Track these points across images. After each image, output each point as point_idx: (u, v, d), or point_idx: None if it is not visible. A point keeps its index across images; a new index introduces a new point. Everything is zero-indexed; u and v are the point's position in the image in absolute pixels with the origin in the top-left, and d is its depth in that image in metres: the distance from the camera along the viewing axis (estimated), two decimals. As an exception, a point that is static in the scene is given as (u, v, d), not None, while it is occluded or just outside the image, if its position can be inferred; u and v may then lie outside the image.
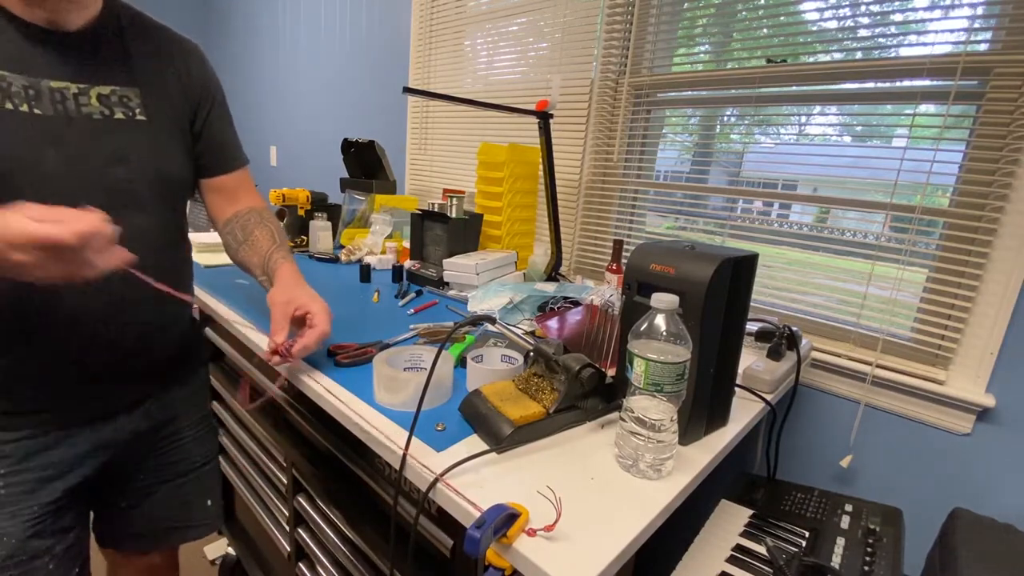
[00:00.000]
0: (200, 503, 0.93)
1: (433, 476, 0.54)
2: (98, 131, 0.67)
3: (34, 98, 0.62)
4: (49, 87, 0.64)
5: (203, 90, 0.82)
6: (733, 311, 0.65)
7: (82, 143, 0.66)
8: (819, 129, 1.23)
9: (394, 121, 2.26)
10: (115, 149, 0.68)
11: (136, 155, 0.70)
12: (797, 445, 1.22)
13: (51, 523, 0.71)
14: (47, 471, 0.70)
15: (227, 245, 0.89)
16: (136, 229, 0.70)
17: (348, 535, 0.80)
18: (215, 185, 0.87)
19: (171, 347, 0.82)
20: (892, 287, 1.08)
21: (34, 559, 0.69)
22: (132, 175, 0.70)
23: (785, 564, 0.68)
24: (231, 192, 0.89)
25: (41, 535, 0.70)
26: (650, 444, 0.57)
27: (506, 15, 1.77)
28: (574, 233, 1.63)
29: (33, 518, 0.69)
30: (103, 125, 0.68)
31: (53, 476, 0.71)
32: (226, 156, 0.87)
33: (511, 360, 0.78)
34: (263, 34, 3.08)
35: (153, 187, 0.73)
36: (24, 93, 0.62)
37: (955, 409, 1.01)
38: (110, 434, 0.76)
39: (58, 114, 0.64)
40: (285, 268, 0.81)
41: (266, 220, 0.89)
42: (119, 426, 0.77)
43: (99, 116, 0.67)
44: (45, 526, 0.70)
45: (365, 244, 1.59)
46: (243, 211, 0.89)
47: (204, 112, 0.82)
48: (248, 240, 0.86)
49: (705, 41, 1.44)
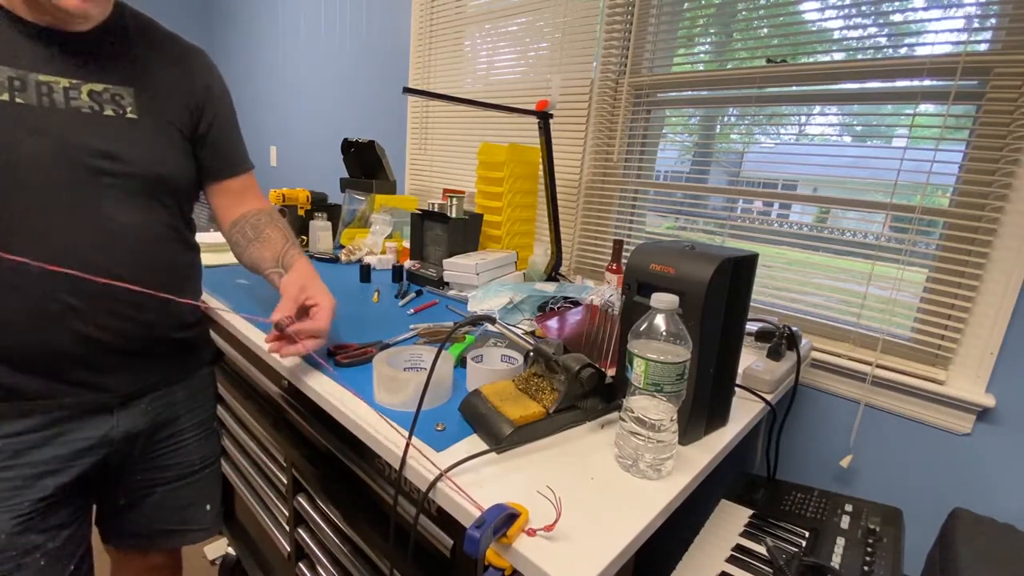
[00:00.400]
0: (199, 507, 0.93)
1: (433, 476, 0.54)
2: (84, 124, 0.68)
3: (19, 88, 0.63)
4: (37, 80, 0.65)
5: (207, 94, 0.82)
6: (733, 311, 0.65)
7: (65, 133, 0.66)
8: (819, 129, 1.23)
9: (394, 121, 2.26)
10: (100, 142, 0.69)
11: (122, 151, 0.70)
12: (797, 445, 1.22)
13: (42, 520, 0.71)
14: (38, 468, 0.70)
15: (235, 243, 0.89)
16: (117, 223, 0.70)
17: (348, 535, 0.80)
18: (221, 189, 0.88)
19: (165, 344, 0.81)
20: (892, 287, 1.08)
21: (25, 555, 0.69)
22: (116, 169, 0.70)
23: (785, 564, 0.68)
24: (237, 195, 0.90)
25: (32, 531, 0.70)
26: (650, 444, 0.57)
27: (506, 15, 1.77)
28: (574, 233, 1.63)
29: (23, 514, 0.69)
30: (90, 119, 0.68)
31: (45, 473, 0.71)
32: (230, 160, 0.88)
33: (511, 360, 0.78)
34: (263, 34, 3.08)
35: (141, 184, 0.73)
36: (8, 83, 0.63)
37: (955, 409, 1.01)
38: (105, 431, 0.76)
39: (42, 105, 0.65)
40: (303, 261, 0.83)
41: (276, 220, 0.90)
42: (115, 423, 0.77)
43: (87, 110, 0.68)
44: (36, 522, 0.70)
45: (365, 244, 1.59)
46: (252, 212, 0.89)
47: (209, 116, 0.82)
48: (260, 238, 0.86)
49: (705, 41, 1.44)
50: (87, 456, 0.75)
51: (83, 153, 0.67)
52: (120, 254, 0.71)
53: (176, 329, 0.83)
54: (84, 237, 0.68)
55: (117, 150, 0.70)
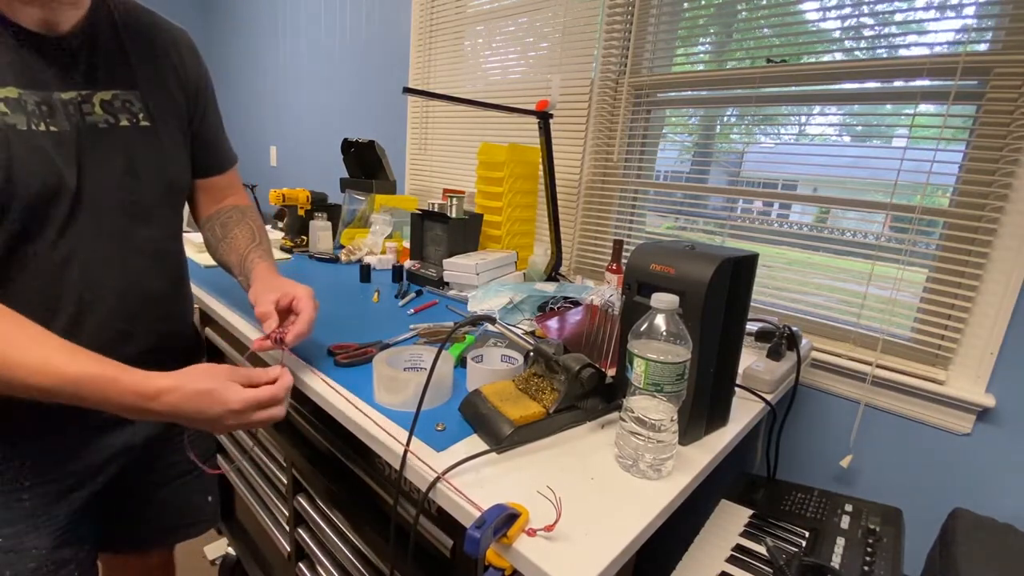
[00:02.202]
0: (201, 500, 0.93)
1: (433, 476, 0.54)
2: (107, 143, 0.65)
3: (48, 115, 0.60)
4: (61, 100, 0.61)
5: (197, 84, 0.79)
6: (733, 311, 0.65)
7: (96, 157, 0.64)
8: (819, 129, 1.24)
9: (394, 121, 2.26)
10: (125, 161, 0.66)
11: (144, 166, 0.68)
12: (797, 445, 1.22)
13: (74, 532, 0.70)
14: (71, 480, 0.70)
15: (207, 242, 0.86)
16: (145, 240, 0.69)
17: (348, 535, 0.80)
18: (207, 184, 0.85)
19: (179, 346, 0.81)
20: (892, 287, 1.08)
21: (59, 569, 0.68)
22: (142, 187, 0.68)
23: (785, 564, 0.68)
24: (220, 191, 0.87)
25: (66, 545, 0.69)
26: (650, 444, 0.57)
27: (506, 15, 1.77)
28: (574, 233, 1.63)
29: (60, 527, 0.68)
30: (111, 136, 0.65)
31: (74, 486, 0.70)
32: (219, 155, 0.85)
33: (511, 360, 0.78)
34: (263, 34, 3.08)
35: (161, 197, 0.72)
36: (39, 111, 0.59)
37: (955, 409, 1.01)
38: (126, 438, 0.76)
39: (73, 128, 0.62)
40: (261, 267, 0.78)
41: (247, 217, 0.86)
42: (136, 430, 0.77)
43: (104, 125, 0.65)
44: (69, 536, 0.70)
45: (365, 244, 1.59)
46: (225, 208, 0.86)
47: (200, 109, 0.80)
48: (227, 238, 0.83)
49: (705, 41, 1.44)
50: (112, 464, 0.75)
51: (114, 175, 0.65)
52: (149, 271, 0.71)
53: (191, 335, 0.84)
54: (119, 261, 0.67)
55: (139, 166, 0.68)
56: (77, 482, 0.71)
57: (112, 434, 0.74)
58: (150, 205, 0.70)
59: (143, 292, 0.70)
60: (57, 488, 0.69)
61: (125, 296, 0.67)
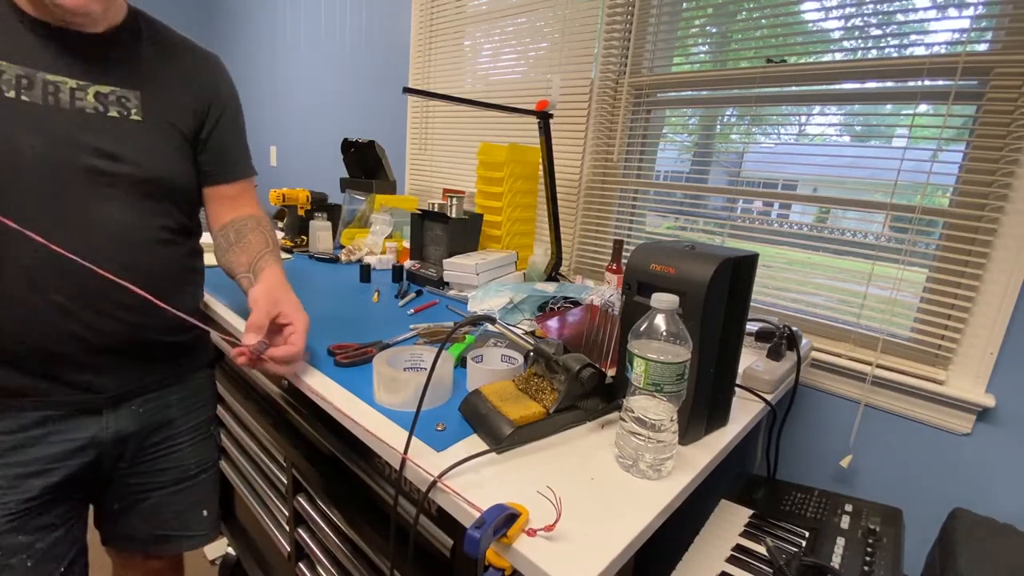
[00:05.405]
0: (195, 513, 0.93)
1: (433, 476, 0.54)
2: (87, 124, 0.68)
3: (25, 87, 0.64)
4: (44, 79, 0.65)
5: (215, 97, 0.82)
6: (733, 311, 0.65)
7: (67, 132, 0.67)
8: (819, 129, 1.23)
9: (394, 121, 2.26)
10: (100, 142, 0.69)
11: (122, 152, 0.71)
12: (797, 445, 1.22)
13: (31, 520, 0.71)
14: (26, 468, 0.70)
15: (217, 246, 0.88)
16: (112, 221, 0.71)
17: (348, 535, 0.80)
18: (216, 193, 0.87)
19: (156, 347, 0.80)
20: (892, 287, 1.08)
21: (11, 555, 0.69)
22: (115, 169, 0.70)
23: (785, 564, 0.68)
24: (232, 200, 0.89)
25: (19, 531, 0.70)
26: (650, 444, 0.57)
27: (506, 15, 1.77)
28: (574, 233, 1.63)
29: (10, 514, 0.69)
30: (93, 119, 0.69)
31: (32, 473, 0.71)
32: (229, 165, 0.87)
33: (511, 360, 0.78)
34: (263, 34, 3.09)
35: (139, 185, 0.73)
36: (16, 81, 0.63)
37: (955, 409, 1.01)
38: (94, 432, 0.76)
39: (47, 104, 0.66)
40: (274, 269, 0.79)
41: (263, 227, 0.88)
42: (104, 425, 0.77)
43: (91, 111, 0.69)
44: (23, 523, 0.70)
45: (365, 244, 1.59)
46: (242, 216, 0.88)
47: (213, 120, 0.82)
48: (241, 242, 0.84)
49: (705, 41, 1.44)
50: (76, 457, 0.75)
51: (81, 152, 0.67)
52: (112, 253, 0.70)
53: (168, 332, 0.80)
54: (77, 235, 0.67)
55: (117, 150, 0.70)
56: (34, 470, 0.71)
57: (75, 425, 0.74)
58: (123, 188, 0.71)
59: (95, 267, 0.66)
60: (12, 473, 0.69)
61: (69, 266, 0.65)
